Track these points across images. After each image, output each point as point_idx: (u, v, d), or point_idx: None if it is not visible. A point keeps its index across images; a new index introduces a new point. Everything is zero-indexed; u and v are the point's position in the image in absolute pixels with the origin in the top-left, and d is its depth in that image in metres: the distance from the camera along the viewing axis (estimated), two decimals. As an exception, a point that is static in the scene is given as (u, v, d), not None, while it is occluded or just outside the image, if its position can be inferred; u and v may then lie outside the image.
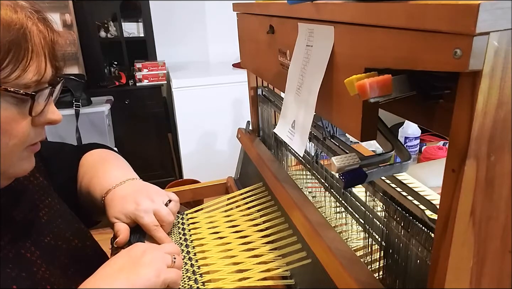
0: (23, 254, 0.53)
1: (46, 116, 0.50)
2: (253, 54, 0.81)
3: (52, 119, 0.51)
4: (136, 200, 0.65)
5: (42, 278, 0.53)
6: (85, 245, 0.66)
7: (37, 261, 0.54)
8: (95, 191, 0.71)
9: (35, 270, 0.53)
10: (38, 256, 0.55)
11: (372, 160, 0.44)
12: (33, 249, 0.55)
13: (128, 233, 0.64)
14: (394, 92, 0.33)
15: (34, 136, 0.50)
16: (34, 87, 0.47)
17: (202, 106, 2.31)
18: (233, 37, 1.02)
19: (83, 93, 2.12)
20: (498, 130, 0.30)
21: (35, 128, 0.50)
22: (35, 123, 0.49)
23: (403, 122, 1.34)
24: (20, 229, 0.56)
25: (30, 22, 0.46)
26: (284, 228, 0.70)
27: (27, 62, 0.45)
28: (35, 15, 0.47)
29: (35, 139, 0.51)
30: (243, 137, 0.98)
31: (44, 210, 0.62)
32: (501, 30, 0.26)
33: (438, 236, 0.35)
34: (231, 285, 0.60)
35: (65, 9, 2.30)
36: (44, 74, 0.47)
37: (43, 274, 0.53)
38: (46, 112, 0.50)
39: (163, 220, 0.65)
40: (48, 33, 0.48)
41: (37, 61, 0.46)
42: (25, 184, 0.62)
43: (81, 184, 0.76)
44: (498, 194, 0.32)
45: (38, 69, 0.46)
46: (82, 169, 0.77)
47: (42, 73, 0.47)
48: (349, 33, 0.42)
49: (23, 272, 0.51)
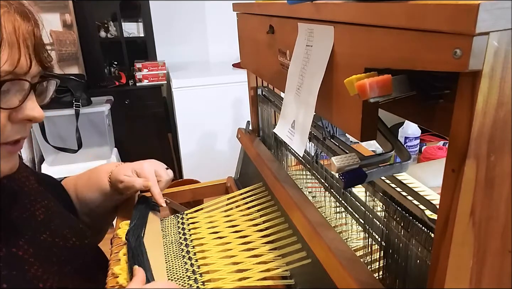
0: (15, 253, 0.53)
1: (24, 112, 0.48)
2: (253, 54, 0.81)
3: (31, 116, 0.49)
4: (141, 163, 0.79)
5: (34, 276, 0.53)
6: (83, 244, 0.66)
7: (30, 259, 0.54)
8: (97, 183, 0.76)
9: (26, 268, 0.53)
10: (32, 254, 0.55)
11: (372, 160, 0.44)
12: (26, 247, 0.55)
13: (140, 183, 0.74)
14: (394, 92, 0.33)
15: (11, 132, 0.48)
16: (7, 77, 0.45)
17: (202, 106, 2.31)
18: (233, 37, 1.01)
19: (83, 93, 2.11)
20: (498, 130, 0.30)
21: (14, 124, 0.48)
22: (12, 119, 0.48)
23: (403, 122, 1.34)
24: (14, 227, 0.56)
25: (2, 10, 0.44)
26: (284, 228, 0.70)
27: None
28: (12, 6, 0.46)
29: (13, 136, 0.49)
30: (243, 137, 0.98)
31: (40, 210, 0.62)
32: (501, 30, 0.26)
33: (438, 236, 0.35)
34: (231, 285, 0.60)
35: (65, 9, 2.30)
36: (18, 66, 0.45)
37: (35, 272, 0.53)
38: (24, 108, 0.48)
39: (161, 175, 0.78)
40: (27, 24, 0.47)
41: (10, 51, 0.44)
42: (20, 186, 0.62)
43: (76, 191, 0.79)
44: (498, 194, 0.32)
45: (11, 59, 0.44)
46: (71, 183, 0.81)
47: (15, 64, 0.45)
48: (349, 33, 0.42)
49: (14, 270, 0.51)
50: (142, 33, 2.51)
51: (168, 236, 0.73)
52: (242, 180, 0.99)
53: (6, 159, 0.50)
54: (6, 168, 0.51)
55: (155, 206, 0.79)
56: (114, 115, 2.34)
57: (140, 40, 2.54)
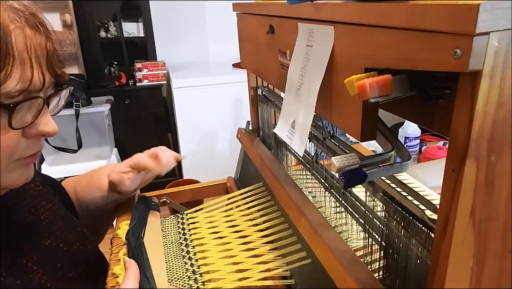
0: (19, 260, 0.52)
1: (38, 128, 0.47)
2: (253, 54, 0.81)
3: (45, 131, 0.47)
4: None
5: (38, 285, 0.52)
6: (86, 248, 0.66)
7: (34, 267, 0.53)
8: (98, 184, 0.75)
9: (31, 276, 0.52)
10: (35, 261, 0.54)
11: (372, 160, 0.44)
12: (30, 254, 0.54)
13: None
14: (394, 92, 0.33)
15: (26, 148, 0.47)
16: (20, 96, 0.43)
17: (202, 106, 2.31)
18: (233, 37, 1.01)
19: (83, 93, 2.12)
20: (498, 130, 0.30)
21: (28, 140, 0.46)
22: (26, 135, 0.46)
23: (403, 122, 1.34)
24: (18, 233, 0.55)
25: (13, 25, 0.41)
26: (284, 228, 0.70)
27: (9, 69, 0.40)
28: (22, 19, 0.43)
29: (28, 151, 0.47)
30: (243, 137, 0.98)
31: (45, 214, 0.62)
32: (501, 30, 0.26)
33: (438, 236, 0.35)
34: (231, 285, 0.60)
35: (65, 9, 2.30)
36: (31, 83, 0.43)
37: (39, 280, 0.52)
38: (39, 124, 0.46)
39: (157, 152, 0.72)
40: (40, 38, 0.44)
41: (22, 69, 0.42)
42: (26, 188, 0.62)
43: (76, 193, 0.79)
44: (498, 194, 0.32)
45: (23, 77, 0.42)
46: (71, 184, 0.81)
47: (28, 82, 0.42)
48: (349, 33, 0.42)
49: (17, 279, 0.50)
50: (142, 33, 2.51)
51: (168, 236, 0.73)
52: (242, 180, 0.99)
53: (22, 171, 0.49)
54: (22, 179, 0.50)
55: (155, 206, 0.79)
56: (114, 115, 2.35)
57: (140, 40, 2.55)
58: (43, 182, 0.68)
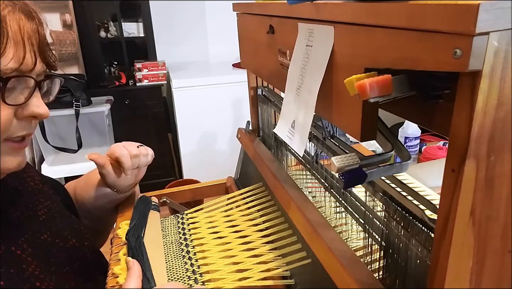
0: (13, 251, 0.53)
1: (29, 109, 0.49)
2: (253, 54, 0.81)
3: (36, 112, 0.50)
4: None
5: (31, 275, 0.53)
6: (83, 245, 0.66)
7: (28, 259, 0.54)
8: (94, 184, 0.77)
9: (24, 267, 0.53)
10: (30, 253, 0.55)
11: (372, 160, 0.44)
12: (25, 246, 0.55)
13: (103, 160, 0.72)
14: (394, 92, 0.33)
15: (17, 128, 0.49)
16: (13, 74, 0.46)
17: (202, 106, 2.31)
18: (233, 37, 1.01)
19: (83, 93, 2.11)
20: (498, 130, 0.30)
21: (19, 121, 0.49)
22: (18, 116, 0.49)
23: (403, 122, 1.34)
24: (15, 226, 0.56)
25: (7, 9, 0.45)
26: (284, 228, 0.70)
27: (3, 47, 0.44)
28: (17, 6, 0.47)
29: (18, 132, 0.50)
30: (243, 137, 0.98)
31: (43, 210, 0.62)
32: (501, 30, 0.26)
33: (438, 236, 0.35)
34: (231, 285, 0.60)
35: (65, 9, 2.29)
36: (23, 63, 0.46)
37: (33, 271, 0.53)
38: (30, 105, 0.49)
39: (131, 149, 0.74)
40: (32, 24, 0.48)
41: (15, 48, 0.45)
42: (25, 185, 0.63)
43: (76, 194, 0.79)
44: (498, 194, 0.32)
45: (16, 57, 0.45)
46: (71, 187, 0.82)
47: (20, 61, 0.46)
48: (349, 33, 0.42)
49: (11, 268, 0.51)
50: (142, 33, 2.51)
51: (168, 236, 0.73)
52: (242, 180, 0.99)
53: (13, 155, 0.51)
54: (13, 164, 0.51)
55: (155, 206, 0.79)
56: (114, 115, 2.34)
57: (140, 40, 2.54)
58: (44, 181, 0.69)
